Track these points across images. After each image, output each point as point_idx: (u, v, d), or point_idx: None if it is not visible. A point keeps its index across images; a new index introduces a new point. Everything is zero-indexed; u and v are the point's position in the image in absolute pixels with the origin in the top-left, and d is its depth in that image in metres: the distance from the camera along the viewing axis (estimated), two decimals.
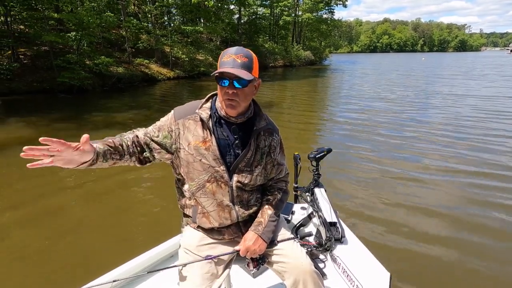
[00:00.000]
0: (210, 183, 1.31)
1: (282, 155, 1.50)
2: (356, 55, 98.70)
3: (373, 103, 10.96)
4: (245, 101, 1.27)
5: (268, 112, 1.55)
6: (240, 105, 1.26)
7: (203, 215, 1.37)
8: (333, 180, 4.51)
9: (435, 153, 5.59)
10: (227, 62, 1.20)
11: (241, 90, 1.22)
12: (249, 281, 1.88)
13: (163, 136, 1.30)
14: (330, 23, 45.94)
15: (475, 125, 7.64)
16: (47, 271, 2.70)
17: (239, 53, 1.21)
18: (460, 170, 4.83)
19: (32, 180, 4.52)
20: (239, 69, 1.19)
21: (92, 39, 16.01)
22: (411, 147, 5.99)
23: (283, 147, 1.50)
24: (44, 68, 14.33)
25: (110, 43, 19.89)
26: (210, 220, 1.37)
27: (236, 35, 32.28)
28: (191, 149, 1.29)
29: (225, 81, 1.21)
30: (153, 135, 1.29)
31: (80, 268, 2.70)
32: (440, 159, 5.28)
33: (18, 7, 14.02)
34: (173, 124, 1.30)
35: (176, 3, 22.52)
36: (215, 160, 1.29)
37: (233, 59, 1.20)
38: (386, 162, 5.22)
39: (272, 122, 1.43)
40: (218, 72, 1.20)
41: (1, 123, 8.30)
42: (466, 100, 11.45)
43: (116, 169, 4.88)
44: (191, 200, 1.37)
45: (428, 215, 3.56)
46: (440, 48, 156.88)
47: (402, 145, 6.12)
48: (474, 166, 4.97)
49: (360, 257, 1.83)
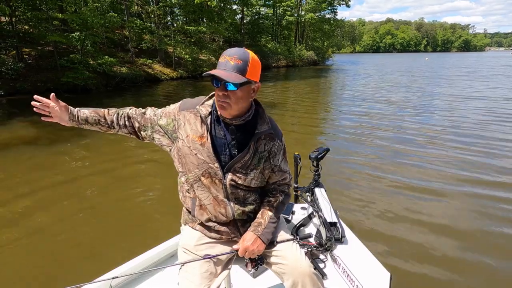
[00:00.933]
0: (205, 177, 1.32)
1: (285, 161, 1.47)
2: (359, 55, 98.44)
3: (375, 105, 10.88)
4: (237, 104, 1.24)
5: (270, 113, 1.55)
6: (231, 107, 1.23)
7: (200, 207, 1.38)
8: (333, 181, 4.52)
9: (439, 159, 5.45)
10: (221, 64, 1.20)
11: (232, 92, 1.20)
12: (249, 281, 1.88)
13: (167, 122, 1.34)
14: (333, 23, 45.81)
15: (485, 128, 7.29)
16: (46, 269, 2.71)
17: (234, 54, 1.19)
18: (464, 177, 4.72)
19: (32, 175, 4.63)
20: (230, 71, 1.17)
21: (96, 39, 16.11)
22: (414, 149, 5.96)
23: (286, 153, 1.47)
24: (48, 68, 14.43)
25: (114, 43, 20.00)
26: (207, 213, 1.38)
27: (239, 35, 32.28)
28: (188, 141, 1.30)
29: (217, 82, 1.20)
30: (159, 118, 1.36)
31: (80, 267, 2.70)
32: (444, 163, 5.19)
33: (22, 7, 14.13)
34: (177, 113, 1.33)
35: (179, 3, 22.57)
36: (209, 157, 1.29)
37: (226, 60, 1.18)
38: (387, 163, 5.22)
39: (277, 126, 1.40)
40: (207, 74, 1.19)
41: (6, 123, 8.38)
42: (473, 102, 11.07)
43: (115, 167, 5.06)
44: (190, 192, 1.38)
45: (428, 215, 3.56)
46: (443, 48, 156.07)
47: (405, 147, 6.10)
48: (478, 172, 4.84)
49: (360, 257, 1.83)
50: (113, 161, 5.42)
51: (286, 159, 1.49)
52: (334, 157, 5.42)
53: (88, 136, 6.86)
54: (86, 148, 6.14)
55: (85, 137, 6.74)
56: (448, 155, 5.50)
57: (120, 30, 21.04)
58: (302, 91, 16.40)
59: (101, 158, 5.59)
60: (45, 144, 6.42)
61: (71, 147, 6.16)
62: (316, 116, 9.74)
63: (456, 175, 4.65)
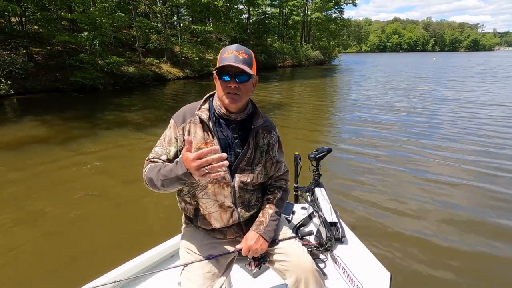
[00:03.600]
0: (212, 184, 1.32)
1: (281, 152, 1.50)
2: (365, 55, 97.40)
3: (379, 107, 10.63)
4: (245, 96, 1.30)
5: (275, 113, 1.58)
6: (241, 100, 1.28)
7: (204, 217, 1.37)
8: (333, 181, 4.54)
9: (440, 161, 5.36)
10: (229, 58, 1.22)
11: (242, 84, 1.25)
12: (249, 281, 1.87)
13: (175, 147, 1.33)
14: (340, 23, 45.49)
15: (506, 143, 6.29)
16: (47, 270, 2.71)
17: (240, 49, 1.24)
18: (466, 179, 4.70)
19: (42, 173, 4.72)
20: (241, 64, 1.21)
21: (104, 39, 16.24)
22: (415, 151, 5.91)
23: (282, 144, 1.51)
24: (57, 68, 14.61)
25: (121, 43, 20.15)
26: (212, 221, 1.37)
27: (245, 34, 32.25)
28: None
29: (227, 76, 1.24)
30: (170, 152, 1.33)
31: (80, 268, 2.71)
32: (447, 167, 5.13)
33: (32, 7, 14.32)
34: (177, 131, 1.32)
35: (186, 3, 22.67)
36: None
37: (234, 55, 1.22)
38: (388, 164, 5.21)
39: (270, 119, 1.44)
40: (221, 66, 1.22)
41: (17, 122, 8.52)
42: (489, 109, 9.80)
43: (115, 168, 5.13)
44: (191, 201, 1.38)
45: (429, 216, 3.58)
46: (451, 48, 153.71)
47: (406, 148, 6.06)
48: (479, 173, 4.86)
49: (361, 257, 1.83)
50: (120, 159, 5.54)
51: (282, 150, 1.51)
52: (335, 157, 5.44)
53: (96, 135, 7.00)
54: (93, 148, 6.20)
55: (93, 137, 6.87)
56: (451, 159, 5.47)
57: (127, 30, 21.18)
58: (306, 91, 16.36)
59: (107, 158, 5.69)
60: (56, 142, 6.52)
61: (79, 146, 6.25)
62: (320, 116, 9.72)
63: (460, 178, 4.65)
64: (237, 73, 1.23)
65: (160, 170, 1.22)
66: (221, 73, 1.25)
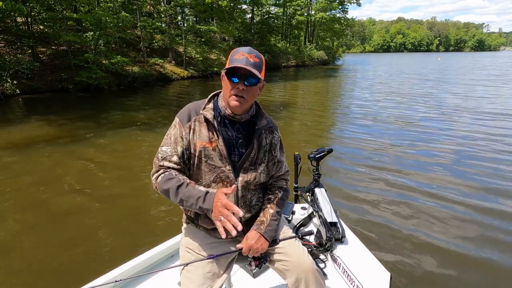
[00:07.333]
0: (216, 183, 1.33)
1: (282, 152, 1.52)
2: (369, 55, 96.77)
3: (382, 109, 10.53)
4: (251, 99, 1.31)
5: (278, 113, 1.59)
6: (247, 103, 1.29)
7: (206, 216, 1.35)
8: (334, 181, 4.55)
9: (442, 164, 5.29)
10: (240, 60, 1.22)
11: (250, 88, 1.26)
12: (249, 280, 1.88)
13: (181, 146, 1.33)
14: (344, 23, 45.37)
15: None
16: (47, 270, 2.71)
17: (252, 53, 1.25)
18: (468, 182, 4.62)
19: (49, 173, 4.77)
20: (252, 67, 1.22)
21: (109, 39, 16.31)
22: (416, 152, 5.90)
23: (283, 144, 1.53)
24: (62, 68, 14.72)
25: (126, 43, 20.25)
26: (213, 221, 1.35)
27: (249, 34, 32.30)
28: (197, 151, 1.32)
29: (236, 77, 1.24)
30: (179, 153, 1.32)
31: (81, 267, 2.72)
32: (448, 169, 5.07)
33: (37, 7, 14.45)
34: (183, 129, 1.32)
35: (190, 3, 22.74)
36: (221, 160, 1.31)
37: (246, 57, 1.23)
38: (389, 165, 5.20)
39: (272, 120, 1.46)
40: (231, 67, 1.22)
41: (23, 122, 8.57)
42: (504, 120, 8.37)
43: (118, 168, 5.15)
44: None
45: (429, 216, 3.58)
46: (456, 48, 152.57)
47: (407, 150, 6.04)
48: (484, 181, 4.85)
49: (361, 257, 1.83)
50: (125, 158, 5.57)
51: (283, 150, 1.53)
52: (335, 157, 5.45)
53: (101, 135, 7.05)
54: (97, 147, 6.24)
55: (98, 136, 6.92)
56: (452, 160, 5.47)
57: (132, 29, 21.30)
58: (310, 92, 16.34)
59: (112, 158, 5.73)
60: (61, 142, 6.57)
61: (83, 146, 6.29)
62: (323, 117, 9.70)
63: (460, 178, 4.64)
64: (246, 76, 1.24)
65: (181, 189, 1.25)
66: (230, 74, 1.26)
